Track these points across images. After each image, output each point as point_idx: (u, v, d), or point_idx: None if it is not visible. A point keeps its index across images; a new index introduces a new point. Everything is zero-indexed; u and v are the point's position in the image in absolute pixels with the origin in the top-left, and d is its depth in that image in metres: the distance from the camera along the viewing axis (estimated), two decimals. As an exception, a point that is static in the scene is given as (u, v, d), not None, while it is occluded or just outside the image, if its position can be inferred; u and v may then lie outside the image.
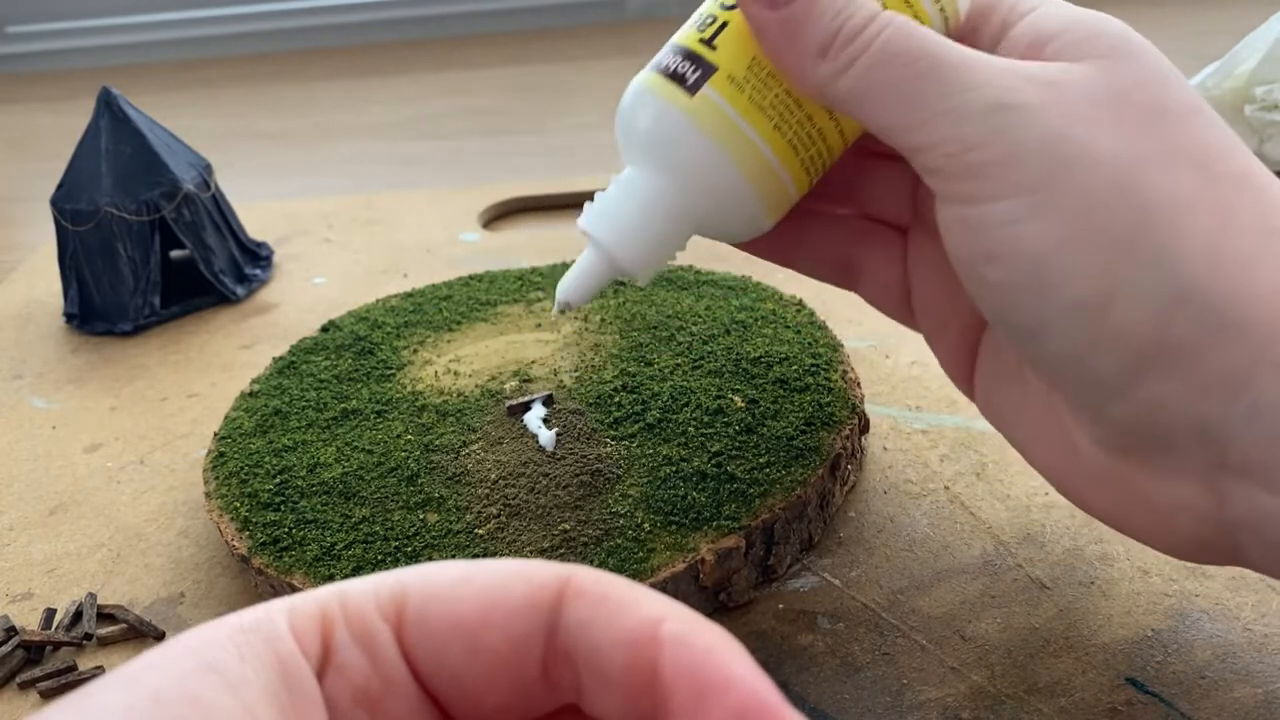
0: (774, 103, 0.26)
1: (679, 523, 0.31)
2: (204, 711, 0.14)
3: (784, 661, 0.30)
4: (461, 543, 0.31)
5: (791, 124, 0.26)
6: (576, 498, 0.32)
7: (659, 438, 0.34)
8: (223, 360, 0.48)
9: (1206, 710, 0.27)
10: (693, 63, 0.26)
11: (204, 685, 0.14)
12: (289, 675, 0.15)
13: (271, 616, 0.15)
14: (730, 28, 0.26)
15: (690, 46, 0.27)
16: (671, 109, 0.26)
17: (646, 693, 0.15)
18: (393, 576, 0.16)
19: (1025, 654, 0.29)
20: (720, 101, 0.26)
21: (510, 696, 0.16)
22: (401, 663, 0.16)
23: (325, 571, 0.31)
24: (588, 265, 0.28)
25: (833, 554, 0.33)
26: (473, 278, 0.46)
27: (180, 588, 0.35)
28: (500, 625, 0.16)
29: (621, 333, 0.40)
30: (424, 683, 0.16)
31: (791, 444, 0.33)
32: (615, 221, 0.27)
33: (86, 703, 0.14)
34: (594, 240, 0.28)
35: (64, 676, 0.31)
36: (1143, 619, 0.30)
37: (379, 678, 0.16)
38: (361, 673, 0.16)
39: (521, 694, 0.16)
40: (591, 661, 0.15)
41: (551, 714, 0.17)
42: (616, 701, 0.15)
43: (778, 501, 0.32)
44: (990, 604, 0.31)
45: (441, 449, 0.35)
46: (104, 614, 0.33)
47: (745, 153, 0.26)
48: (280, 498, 0.33)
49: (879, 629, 0.30)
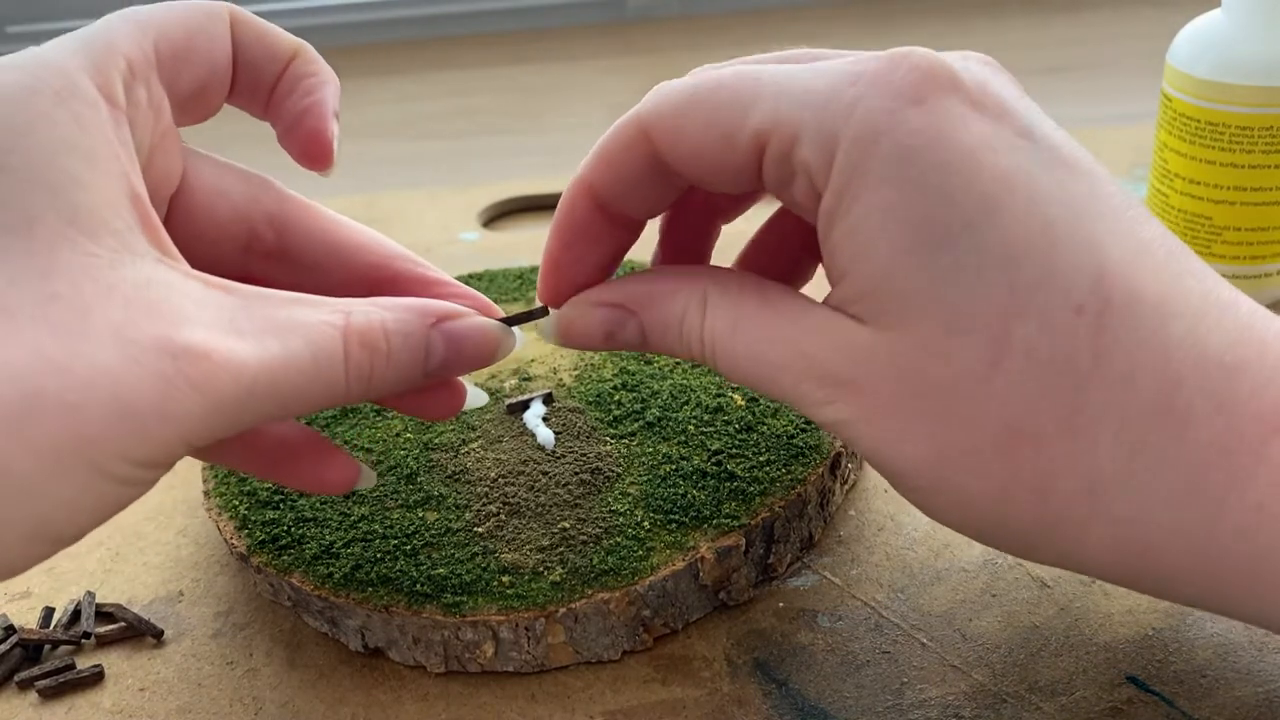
0: None
1: (679, 521, 0.31)
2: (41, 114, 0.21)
3: (784, 660, 0.30)
4: (461, 540, 0.31)
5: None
6: (576, 496, 0.32)
7: (659, 436, 0.34)
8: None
9: (1207, 709, 0.27)
10: None
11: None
12: (103, 121, 0.22)
13: (78, 84, 0.22)
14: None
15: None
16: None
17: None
18: (145, 32, 0.24)
19: (1026, 652, 0.29)
20: None
21: (208, 76, 0.25)
22: (163, 92, 0.24)
23: (324, 570, 0.31)
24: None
25: (833, 552, 0.33)
26: (472, 277, 0.46)
27: (179, 586, 0.34)
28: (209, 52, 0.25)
29: (621, 331, 0.40)
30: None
31: (791, 442, 0.33)
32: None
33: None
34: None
35: (62, 675, 0.31)
36: (1144, 618, 0.30)
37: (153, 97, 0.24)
38: (143, 98, 0.23)
39: (220, 77, 0.26)
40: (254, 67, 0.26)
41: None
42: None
43: (778, 500, 0.31)
44: (991, 602, 0.31)
45: (440, 447, 0.35)
46: (102, 612, 0.33)
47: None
48: (279, 496, 0.33)
49: (879, 627, 0.30)
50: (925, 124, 0.21)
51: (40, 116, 0.21)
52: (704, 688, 0.29)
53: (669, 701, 0.29)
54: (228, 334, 0.21)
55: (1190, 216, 0.43)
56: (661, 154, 0.24)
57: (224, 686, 0.31)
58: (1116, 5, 0.85)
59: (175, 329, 0.20)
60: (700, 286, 0.25)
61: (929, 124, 0.21)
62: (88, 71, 0.22)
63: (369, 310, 0.23)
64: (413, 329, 0.24)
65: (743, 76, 0.23)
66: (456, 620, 0.29)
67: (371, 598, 0.30)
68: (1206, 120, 0.41)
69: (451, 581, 0.30)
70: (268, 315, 0.22)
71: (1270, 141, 0.40)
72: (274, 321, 0.22)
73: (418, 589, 0.30)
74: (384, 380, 0.24)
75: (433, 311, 0.25)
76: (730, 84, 0.23)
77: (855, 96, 0.21)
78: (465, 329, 0.25)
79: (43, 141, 0.21)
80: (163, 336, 0.20)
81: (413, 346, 0.24)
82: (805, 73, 0.23)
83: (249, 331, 0.21)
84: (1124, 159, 0.56)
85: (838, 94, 0.22)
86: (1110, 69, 0.74)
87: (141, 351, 0.20)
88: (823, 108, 0.22)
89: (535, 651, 0.30)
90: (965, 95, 0.22)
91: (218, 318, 0.21)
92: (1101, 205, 0.22)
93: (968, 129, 0.21)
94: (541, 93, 0.82)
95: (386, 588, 0.30)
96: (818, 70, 0.22)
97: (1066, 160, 0.22)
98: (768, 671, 0.29)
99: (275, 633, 0.32)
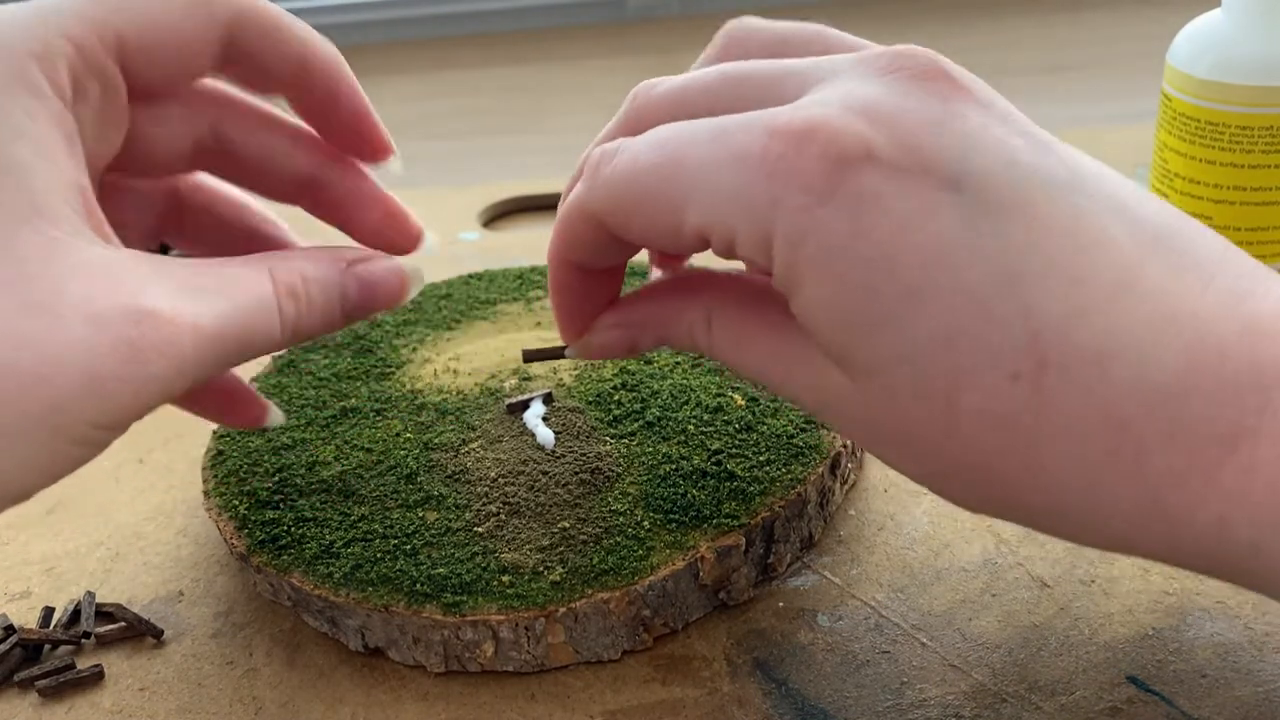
0: None
1: (679, 521, 0.31)
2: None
3: (784, 659, 0.30)
4: (460, 540, 0.31)
5: None
6: (576, 496, 0.32)
7: (658, 436, 0.34)
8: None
9: (1207, 708, 0.27)
10: None
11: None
12: (52, 112, 0.23)
13: (26, 72, 0.23)
14: None
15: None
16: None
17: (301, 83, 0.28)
18: (101, 13, 0.24)
19: (1026, 652, 0.29)
20: None
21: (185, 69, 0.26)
22: (120, 79, 0.25)
23: (324, 569, 0.31)
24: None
25: (833, 552, 0.33)
26: (472, 276, 0.46)
27: (179, 586, 0.34)
28: (194, 49, 0.25)
29: (621, 331, 0.40)
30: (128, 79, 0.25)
31: (791, 442, 0.33)
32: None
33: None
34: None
35: (62, 675, 0.31)
36: (1144, 617, 0.30)
37: (108, 93, 0.25)
38: (95, 93, 0.24)
39: (197, 67, 0.26)
40: (261, 64, 0.27)
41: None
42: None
43: (777, 499, 0.31)
44: (991, 602, 0.31)
45: (441, 447, 0.35)
46: (102, 612, 0.33)
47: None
48: (279, 496, 0.33)
49: (879, 627, 0.30)
50: (841, 222, 0.21)
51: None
52: (704, 687, 0.29)
53: (669, 701, 0.29)
54: (182, 298, 0.23)
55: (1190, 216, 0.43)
56: (617, 235, 0.25)
57: (224, 686, 0.31)
58: (1116, 5, 0.85)
59: (137, 298, 0.22)
60: (703, 304, 0.26)
61: (844, 220, 0.21)
62: (37, 58, 0.23)
63: (289, 263, 0.26)
64: (327, 276, 0.26)
65: (667, 167, 0.23)
66: (456, 620, 0.29)
67: (371, 597, 0.30)
68: (1206, 120, 0.41)
69: (451, 581, 0.30)
70: (210, 275, 0.24)
71: (1270, 141, 0.40)
72: (218, 281, 0.24)
73: (418, 589, 0.30)
74: (310, 325, 0.26)
75: (343, 256, 0.27)
76: (659, 181, 0.24)
77: (774, 197, 0.22)
78: (376, 271, 0.27)
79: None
80: (129, 305, 0.22)
81: (329, 291, 0.26)
82: (724, 156, 0.23)
83: (199, 292, 0.23)
84: (1124, 159, 0.56)
85: (759, 192, 0.22)
86: (1110, 69, 0.74)
87: (109, 322, 0.21)
88: (749, 209, 0.22)
89: (535, 651, 0.30)
90: (880, 163, 0.21)
91: (170, 285, 0.23)
92: (1036, 255, 0.21)
93: (886, 210, 0.21)
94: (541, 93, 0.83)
95: (386, 587, 0.30)
96: (734, 151, 0.23)
97: (996, 204, 0.21)
98: (768, 671, 0.29)
99: (275, 633, 0.32)
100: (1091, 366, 0.21)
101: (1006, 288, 0.21)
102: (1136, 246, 0.22)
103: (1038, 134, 0.23)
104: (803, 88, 0.24)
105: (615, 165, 0.24)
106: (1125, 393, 0.21)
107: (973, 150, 0.22)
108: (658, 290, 0.28)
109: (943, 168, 0.22)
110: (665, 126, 0.24)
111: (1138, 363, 0.21)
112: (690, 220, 0.23)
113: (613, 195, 0.24)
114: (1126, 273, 0.21)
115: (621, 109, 0.27)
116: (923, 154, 0.22)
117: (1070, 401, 0.21)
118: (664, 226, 0.24)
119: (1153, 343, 0.21)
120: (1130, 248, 0.22)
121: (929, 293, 0.21)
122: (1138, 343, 0.21)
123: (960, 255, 0.21)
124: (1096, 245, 0.21)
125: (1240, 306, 0.21)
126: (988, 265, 0.21)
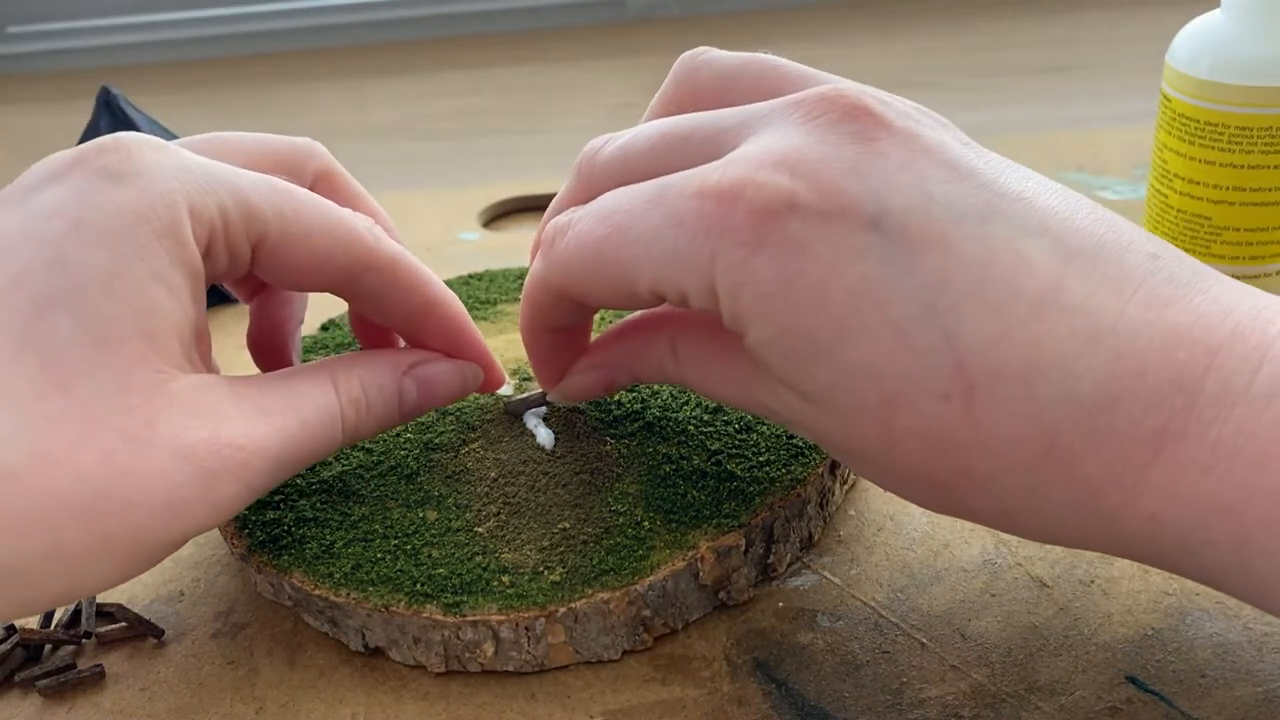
0: None
1: (678, 520, 0.31)
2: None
3: (784, 659, 0.30)
4: (461, 540, 0.31)
5: None
6: (576, 496, 0.32)
7: (658, 436, 0.34)
8: (223, 360, 0.48)
9: (1207, 708, 0.27)
10: None
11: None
12: (189, 261, 0.26)
13: (180, 224, 0.25)
14: None
15: None
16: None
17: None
18: (260, 209, 0.27)
19: (1025, 652, 0.29)
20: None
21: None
22: (248, 264, 0.28)
23: (324, 570, 0.31)
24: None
25: (832, 552, 0.33)
26: (472, 277, 0.46)
27: (179, 586, 0.34)
28: (320, 274, 0.28)
29: (621, 331, 0.40)
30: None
31: (791, 442, 0.33)
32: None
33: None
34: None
35: (63, 675, 0.31)
36: (1143, 617, 0.30)
37: (233, 268, 0.27)
38: (223, 264, 0.27)
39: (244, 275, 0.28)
40: (380, 307, 0.30)
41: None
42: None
43: (777, 499, 0.32)
44: (990, 602, 0.31)
45: (441, 447, 0.35)
46: (103, 612, 0.33)
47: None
48: (279, 496, 0.33)
49: (879, 627, 0.30)
50: (772, 270, 0.23)
51: (143, 249, 0.25)
52: (704, 687, 0.29)
53: (669, 701, 0.29)
54: (256, 422, 0.26)
55: (1189, 217, 0.43)
56: (579, 301, 0.28)
57: (224, 686, 0.31)
58: (1116, 5, 0.85)
59: (219, 431, 0.25)
60: (667, 337, 0.29)
61: (776, 268, 0.23)
62: (192, 213, 0.26)
63: (351, 371, 0.29)
64: (386, 381, 0.29)
65: (614, 237, 0.25)
66: (456, 620, 0.29)
67: (372, 597, 0.30)
68: (1206, 120, 0.41)
69: (451, 581, 0.30)
70: (279, 396, 0.27)
71: (1269, 141, 0.40)
72: (286, 400, 0.27)
73: (418, 588, 0.30)
74: (368, 427, 0.29)
75: (404, 362, 0.30)
76: (609, 251, 0.25)
77: (712, 252, 0.24)
78: (436, 372, 0.31)
79: (139, 272, 0.25)
80: (211, 440, 0.24)
81: (387, 395, 0.29)
82: (664, 222, 0.24)
83: (270, 414, 0.26)
84: (1124, 159, 0.56)
85: (699, 250, 0.24)
86: (1110, 69, 0.74)
87: (193, 455, 0.24)
88: (693, 266, 0.24)
89: (535, 651, 0.30)
90: (804, 211, 0.23)
91: (246, 409, 0.26)
92: (950, 287, 0.22)
93: (813, 255, 0.23)
94: (541, 93, 0.83)
95: (387, 587, 0.30)
96: (672, 215, 0.24)
97: (913, 241, 0.23)
98: (767, 671, 0.29)
99: (275, 633, 0.32)
100: (1017, 384, 0.22)
101: (928, 319, 0.22)
102: (1056, 265, 0.23)
103: (963, 159, 0.24)
104: (736, 140, 0.25)
105: (568, 242, 0.26)
106: (1052, 406, 0.22)
107: (890, 189, 0.23)
108: (625, 330, 0.30)
109: (862, 210, 0.23)
110: (609, 195, 0.26)
111: (1061, 379, 0.22)
112: (643, 283, 0.25)
113: (568, 270, 0.27)
114: (1045, 292, 0.22)
115: (572, 173, 0.30)
116: (843, 198, 0.23)
117: (1000, 417, 0.22)
118: (620, 291, 0.26)
119: (1075, 355, 0.22)
120: (1048, 267, 0.23)
121: (858, 329, 0.23)
122: (1060, 358, 0.22)
123: (883, 292, 0.22)
124: (1010, 270, 0.22)
125: (1163, 316, 0.22)
126: (909, 300, 0.22)
